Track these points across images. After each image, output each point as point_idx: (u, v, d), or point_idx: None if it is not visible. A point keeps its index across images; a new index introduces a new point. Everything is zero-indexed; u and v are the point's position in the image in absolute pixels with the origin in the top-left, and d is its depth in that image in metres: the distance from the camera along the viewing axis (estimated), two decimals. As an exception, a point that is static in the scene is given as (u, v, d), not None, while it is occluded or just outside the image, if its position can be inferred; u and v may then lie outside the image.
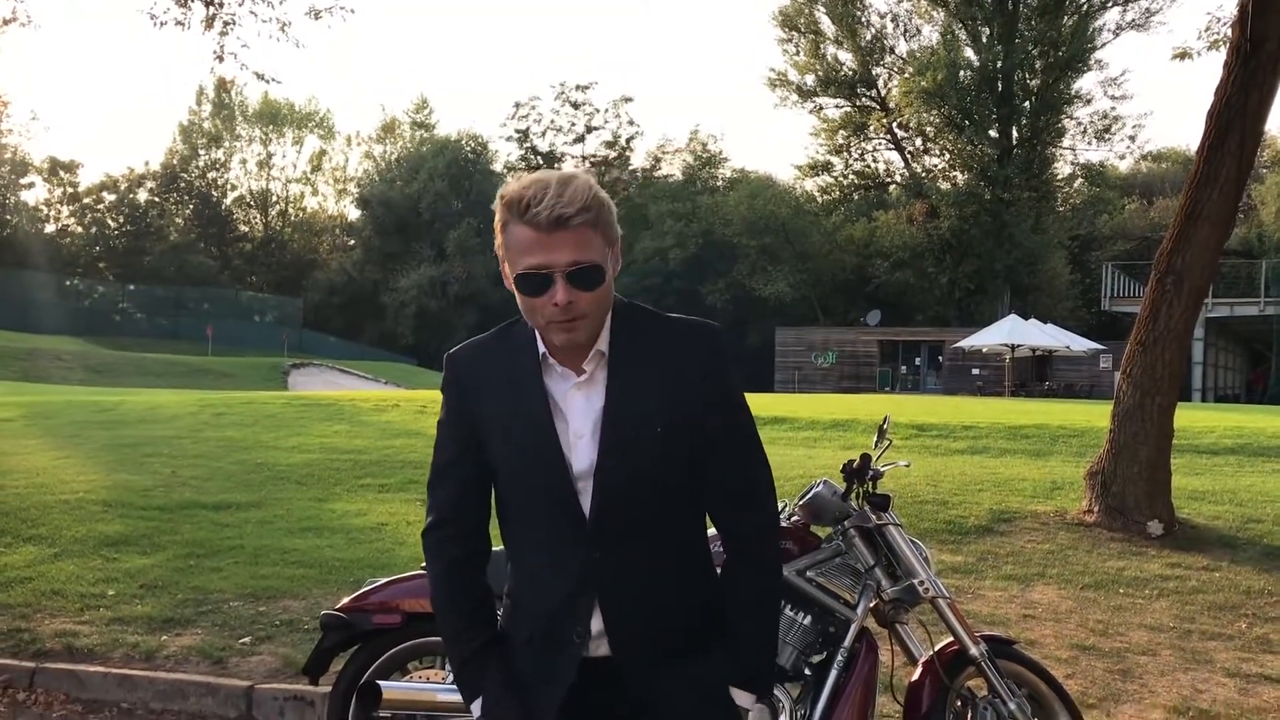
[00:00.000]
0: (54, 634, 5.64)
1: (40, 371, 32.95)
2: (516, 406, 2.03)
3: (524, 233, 1.90)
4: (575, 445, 2.00)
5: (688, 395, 2.01)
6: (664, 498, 2.04)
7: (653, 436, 1.98)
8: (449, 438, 2.13)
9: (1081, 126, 47.89)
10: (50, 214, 64.01)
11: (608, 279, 1.97)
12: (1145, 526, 7.53)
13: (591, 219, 1.92)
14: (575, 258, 1.90)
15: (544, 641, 2.05)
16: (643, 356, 2.03)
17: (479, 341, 2.15)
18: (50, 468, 10.01)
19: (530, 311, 1.96)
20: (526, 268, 1.91)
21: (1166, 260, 7.71)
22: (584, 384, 2.02)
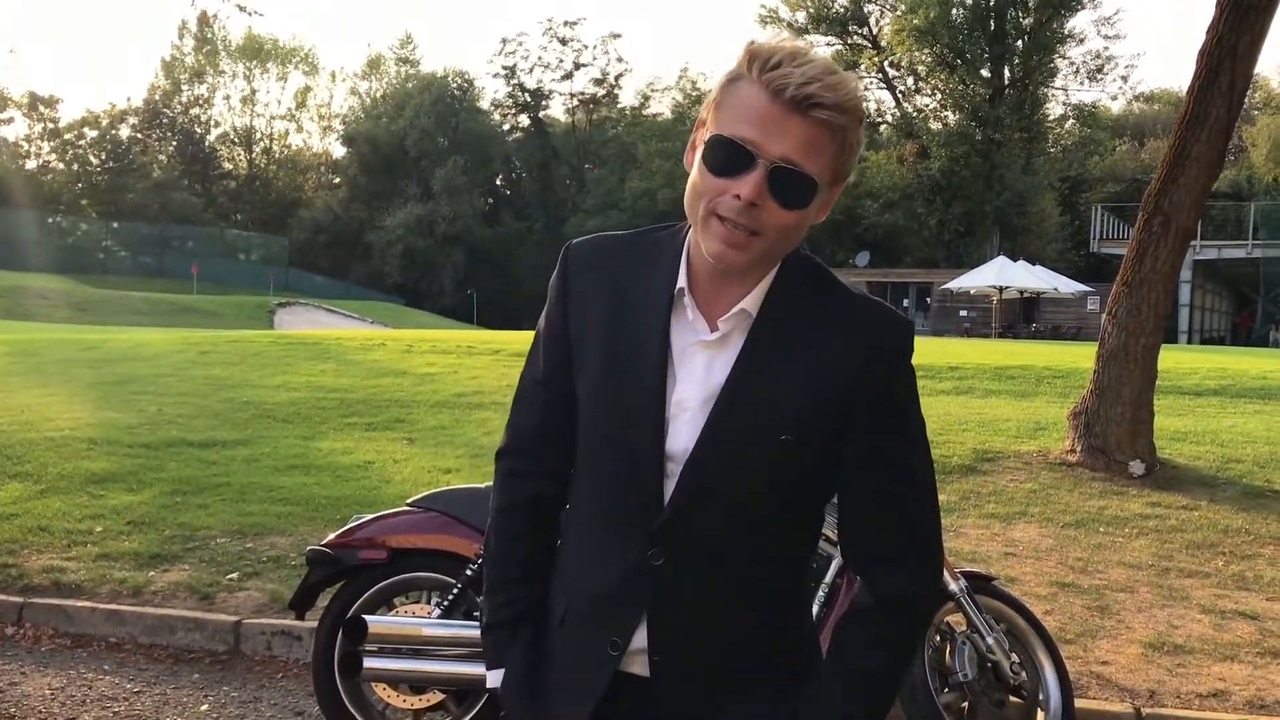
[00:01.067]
0: (41, 569, 5.66)
1: (24, 309, 32.79)
2: (625, 338, 1.59)
3: (754, 95, 1.44)
4: (676, 417, 1.55)
5: (842, 400, 1.54)
6: (765, 518, 1.57)
7: (771, 443, 1.52)
8: (544, 348, 1.70)
9: (1074, 66, 47.70)
10: (31, 150, 63.35)
11: (810, 209, 1.50)
12: (1127, 466, 7.60)
13: (841, 124, 1.46)
14: (794, 155, 1.44)
15: (578, 633, 1.65)
16: (800, 334, 1.55)
17: (609, 239, 1.71)
18: (35, 405, 9.98)
19: (700, 194, 1.49)
20: (732, 134, 1.44)
21: (1154, 201, 7.70)
22: (713, 345, 1.56)
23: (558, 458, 1.73)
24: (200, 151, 66.57)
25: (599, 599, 1.62)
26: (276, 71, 69.65)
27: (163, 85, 66.53)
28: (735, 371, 1.54)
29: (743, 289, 1.56)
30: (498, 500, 1.79)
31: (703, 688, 1.60)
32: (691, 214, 1.53)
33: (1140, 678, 4.53)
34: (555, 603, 1.72)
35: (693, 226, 1.55)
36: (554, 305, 1.68)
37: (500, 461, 1.79)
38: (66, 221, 57.04)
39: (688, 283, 1.57)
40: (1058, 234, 47.45)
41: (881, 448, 1.58)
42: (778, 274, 1.57)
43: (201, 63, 67.53)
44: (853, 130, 1.48)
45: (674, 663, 1.59)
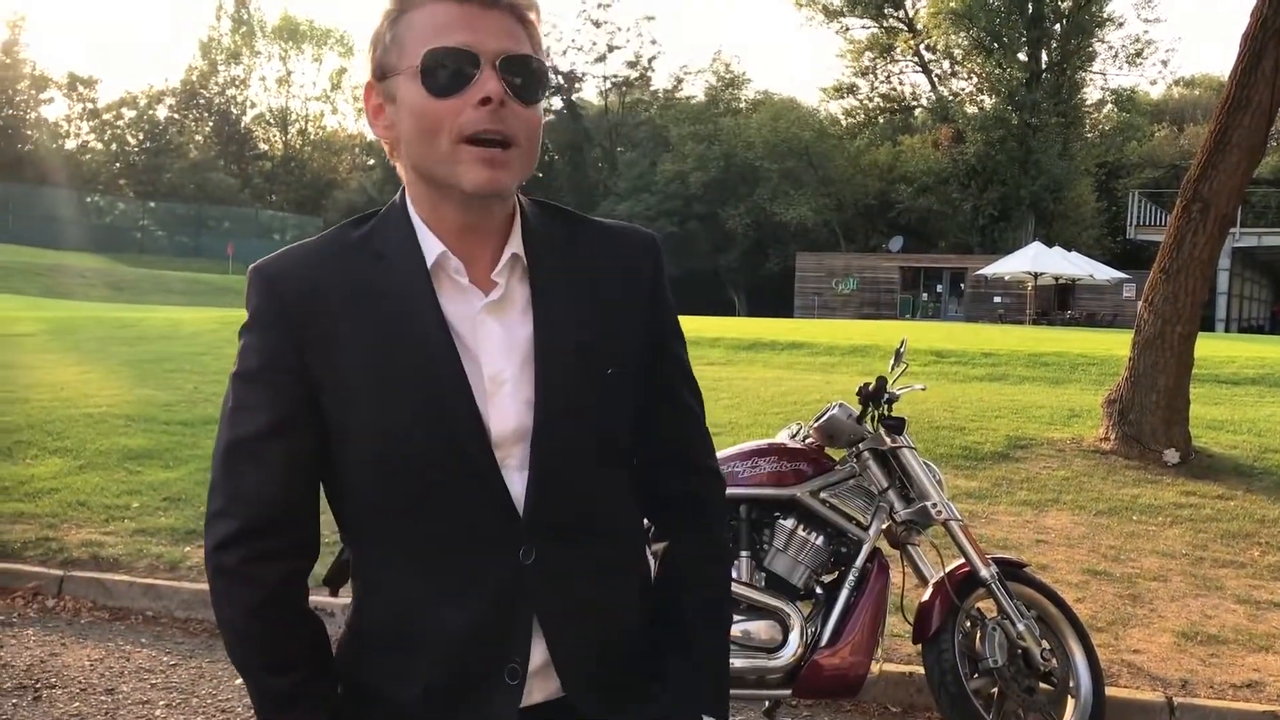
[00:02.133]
0: (80, 543, 5.75)
1: (63, 288, 33.16)
2: (394, 340, 1.33)
3: (439, 9, 1.30)
4: (494, 396, 1.34)
5: (635, 324, 1.44)
6: (615, 466, 1.46)
7: (602, 379, 1.39)
8: (264, 397, 1.34)
9: (1113, 50, 47.05)
10: (70, 130, 63.94)
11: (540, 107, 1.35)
12: (1161, 455, 7.53)
13: (529, 16, 1.35)
14: (509, 45, 1.30)
15: (455, 692, 1.37)
16: (573, 269, 1.42)
17: (300, 249, 1.41)
18: (74, 382, 10.12)
19: (432, 127, 1.30)
20: (440, 46, 1.28)
21: (1193, 187, 7.61)
22: (498, 305, 1.37)
23: (309, 526, 1.40)
24: (236, 132, 66.98)
25: (471, 638, 1.36)
26: (312, 53, 69.98)
27: (200, 66, 66.98)
28: (538, 324, 1.37)
29: (498, 237, 1.39)
30: (246, 599, 1.36)
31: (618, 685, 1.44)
32: (430, 158, 1.32)
33: (1173, 667, 4.50)
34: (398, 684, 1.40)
35: (430, 177, 1.34)
36: (272, 337, 1.35)
37: (231, 550, 1.35)
38: (104, 201, 57.56)
39: (439, 246, 1.36)
40: (1094, 220, 46.93)
41: (668, 351, 1.50)
42: (521, 217, 1.42)
43: (238, 44, 67.91)
44: (536, 25, 1.36)
45: (583, 664, 1.41)
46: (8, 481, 6.74)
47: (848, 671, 3.69)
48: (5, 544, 5.75)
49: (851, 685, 3.71)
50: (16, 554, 5.67)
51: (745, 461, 3.86)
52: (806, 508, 3.81)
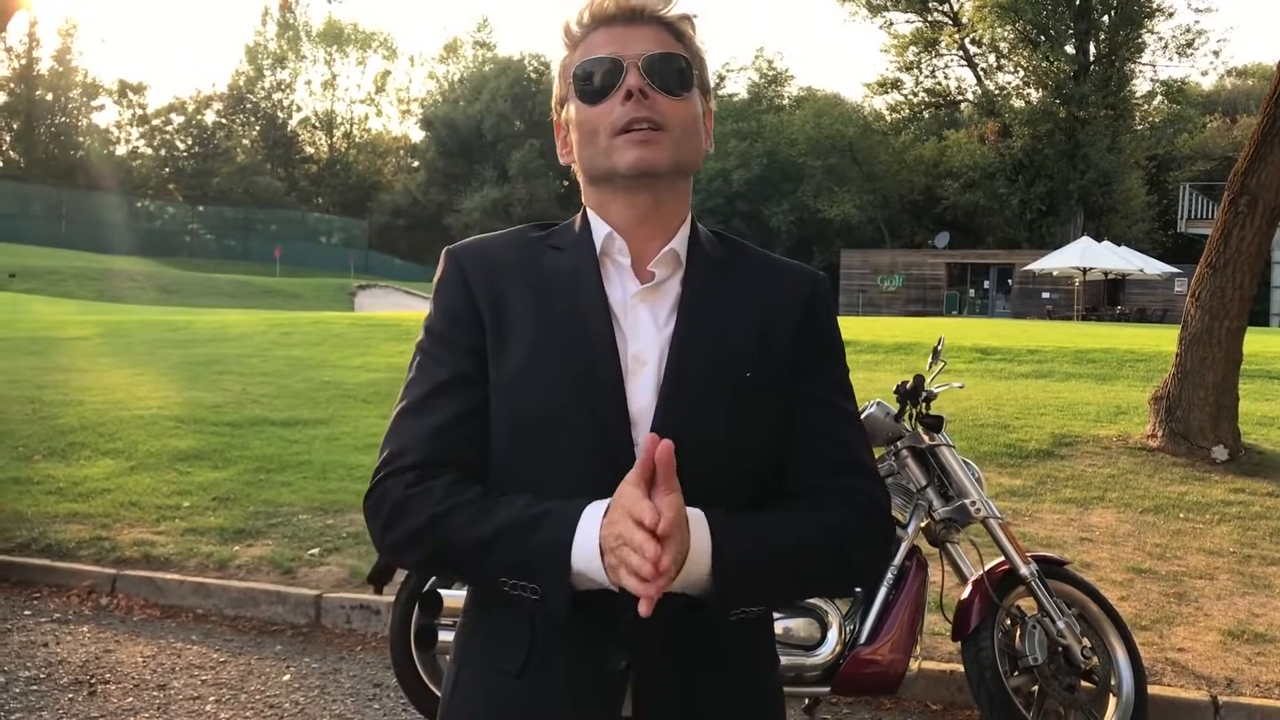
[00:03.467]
0: (133, 543, 5.87)
1: (115, 291, 33.73)
2: (561, 306, 1.41)
3: (588, 40, 1.44)
4: (635, 372, 1.39)
5: (782, 351, 1.44)
6: (743, 477, 1.41)
7: (740, 382, 1.40)
8: (443, 353, 1.43)
9: (1162, 41, 46.30)
10: (120, 136, 65.05)
11: (695, 96, 1.44)
12: (1210, 451, 7.44)
13: (677, 29, 1.45)
14: (654, 48, 1.42)
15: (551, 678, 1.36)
16: (729, 279, 1.47)
17: (489, 237, 1.54)
18: (125, 384, 10.31)
19: (591, 134, 1.41)
20: (589, 59, 1.42)
21: (1240, 180, 7.51)
22: (650, 294, 1.43)
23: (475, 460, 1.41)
24: (283, 136, 67.76)
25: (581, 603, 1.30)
26: (356, 56, 70.69)
27: (246, 71, 67.84)
28: (683, 315, 1.42)
29: (666, 232, 1.45)
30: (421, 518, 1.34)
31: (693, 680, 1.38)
32: (594, 158, 1.42)
33: (1218, 666, 4.46)
34: (495, 651, 1.41)
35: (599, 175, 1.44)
36: (458, 299, 1.45)
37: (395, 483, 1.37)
38: (154, 206, 58.51)
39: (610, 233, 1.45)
40: (1144, 214, 46.24)
41: (828, 389, 1.48)
42: (693, 227, 1.49)
43: (284, 48, 68.71)
44: (690, 36, 1.46)
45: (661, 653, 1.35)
46: (62, 483, 6.89)
47: (886, 669, 3.69)
48: (61, 544, 5.88)
49: (890, 682, 3.72)
50: (71, 553, 5.80)
51: (783, 460, 3.87)
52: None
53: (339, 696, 4.37)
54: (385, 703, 4.31)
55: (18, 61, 59.77)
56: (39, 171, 55.96)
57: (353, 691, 4.42)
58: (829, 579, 1.54)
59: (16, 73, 59.83)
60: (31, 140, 59.78)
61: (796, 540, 1.37)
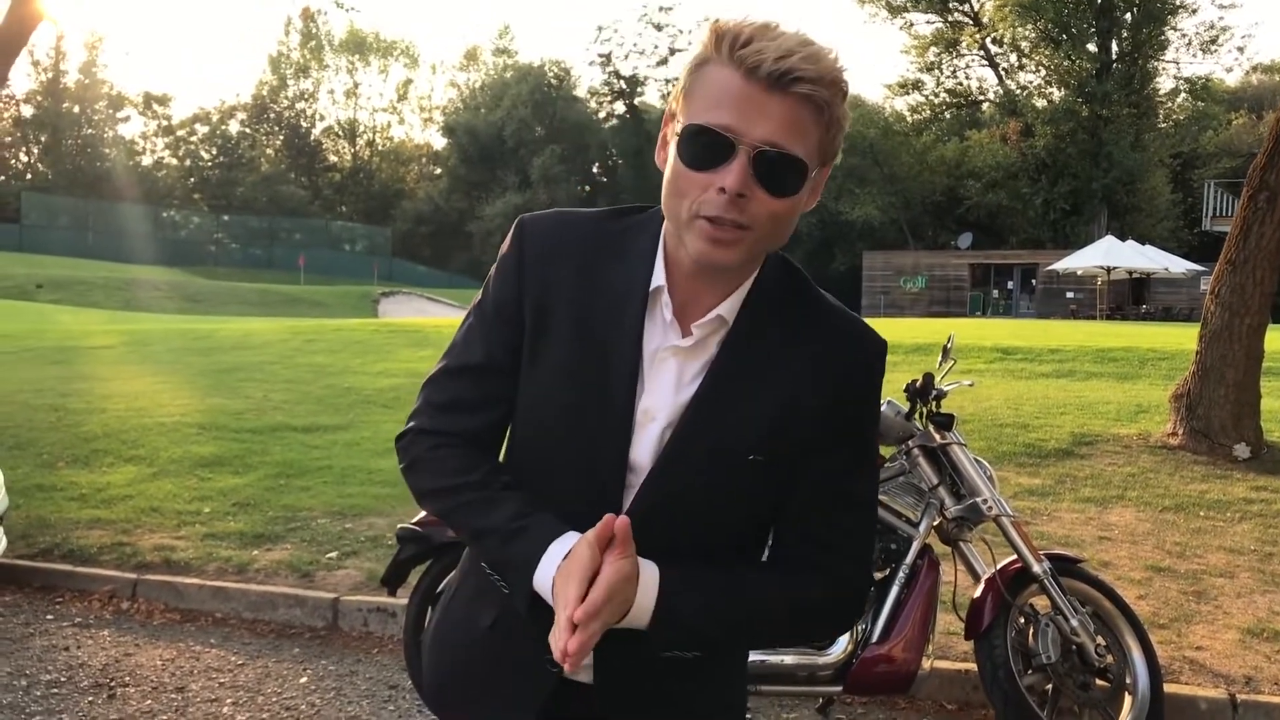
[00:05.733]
0: (153, 548, 5.93)
1: (140, 301, 34.05)
2: (593, 335, 1.42)
3: (726, 77, 1.30)
4: (643, 425, 1.42)
5: (811, 419, 1.43)
6: (723, 534, 1.48)
7: (739, 463, 1.42)
8: (491, 333, 1.49)
9: (1186, 38, 46.06)
10: (146, 147, 65.73)
11: (802, 195, 1.36)
12: (1231, 449, 7.39)
13: (824, 99, 1.31)
14: (778, 138, 1.29)
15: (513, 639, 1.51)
16: (775, 348, 1.43)
17: (574, 216, 1.51)
18: (148, 392, 10.41)
19: (679, 191, 1.34)
20: (708, 122, 1.30)
21: (1260, 176, 7.45)
22: (685, 351, 1.42)
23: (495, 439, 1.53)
24: (306, 145, 68.26)
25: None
26: (378, 65, 71.11)
27: (270, 81, 68.38)
28: (706, 384, 1.41)
29: (721, 293, 1.42)
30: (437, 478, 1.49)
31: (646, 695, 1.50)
32: (672, 215, 1.36)
33: (1237, 664, 4.42)
34: (478, 611, 1.55)
35: (672, 224, 1.38)
36: (506, 283, 1.48)
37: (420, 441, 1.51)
38: (179, 215, 59.04)
39: (666, 280, 1.42)
40: (1169, 212, 45.91)
41: (838, 473, 1.47)
42: (755, 279, 1.44)
43: (307, 58, 69.22)
44: (836, 105, 1.33)
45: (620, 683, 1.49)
46: (85, 489, 6.96)
47: (898, 668, 3.69)
48: (83, 549, 5.94)
49: (902, 682, 3.71)
50: (93, 559, 5.85)
51: (793, 459, 3.87)
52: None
53: (355, 698, 4.39)
54: (400, 704, 4.33)
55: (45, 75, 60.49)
56: (66, 183, 56.58)
57: (368, 693, 4.44)
58: (779, 641, 1.60)
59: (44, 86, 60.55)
60: (59, 152, 60.47)
61: (749, 604, 1.43)
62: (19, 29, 10.04)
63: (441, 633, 1.64)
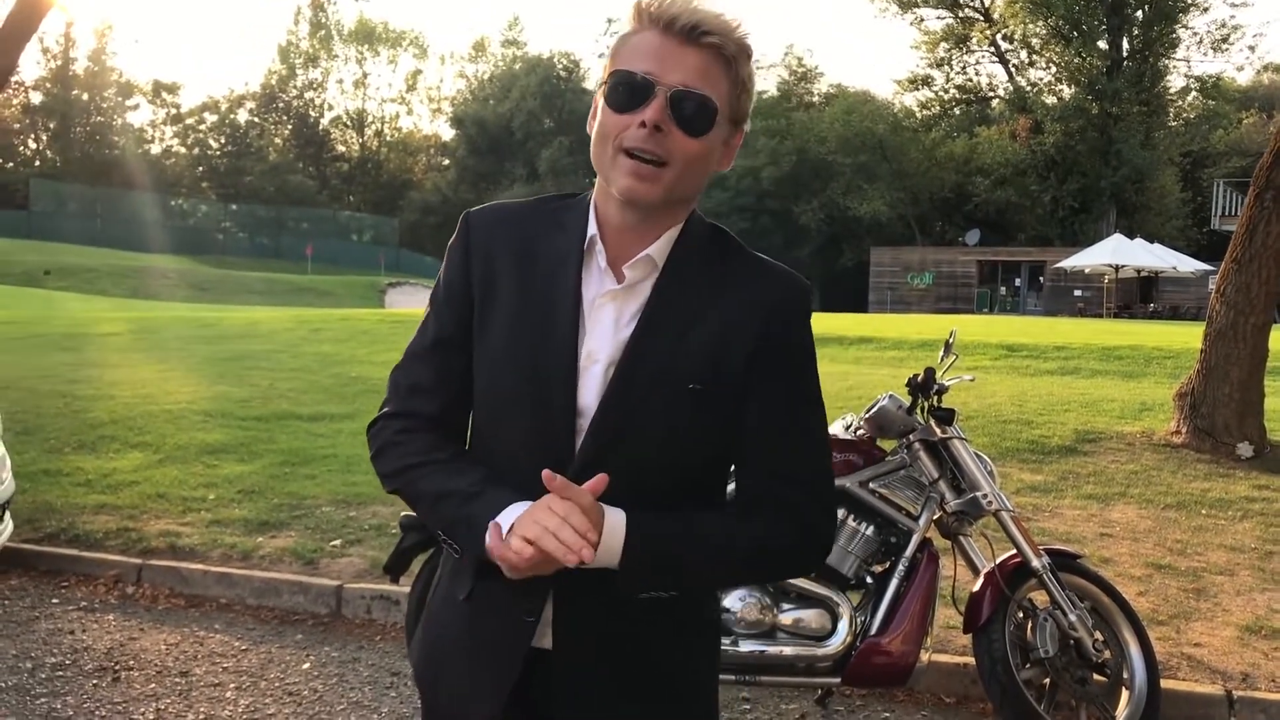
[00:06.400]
0: (159, 534, 5.96)
1: (149, 289, 34.13)
2: (537, 294, 1.55)
3: (646, 37, 1.49)
4: (586, 369, 1.52)
5: (737, 360, 1.52)
6: (679, 477, 1.54)
7: (679, 393, 1.50)
8: (441, 315, 1.63)
9: (1197, 36, 45.83)
10: (155, 135, 65.81)
11: (715, 134, 1.50)
12: (1234, 448, 7.39)
13: (731, 53, 1.50)
14: (691, 81, 1.46)
15: (489, 605, 1.58)
16: (704, 288, 1.55)
17: (509, 205, 1.68)
18: (155, 379, 10.46)
19: (606, 135, 1.50)
20: (629, 68, 1.48)
21: (1265, 175, 7.45)
22: (619, 295, 1.54)
23: (458, 412, 1.64)
24: (314, 134, 68.28)
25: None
26: (387, 55, 71.13)
27: (279, 70, 68.40)
28: (642, 322, 1.52)
29: (650, 239, 1.55)
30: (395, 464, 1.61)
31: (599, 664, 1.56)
32: (600, 160, 1.52)
33: (1234, 660, 4.44)
34: (457, 581, 1.63)
35: (600, 175, 1.54)
36: (454, 267, 1.62)
37: (388, 425, 1.64)
38: (187, 204, 59.16)
39: (598, 231, 1.56)
40: (1178, 211, 45.77)
41: (781, 406, 1.55)
42: (682, 230, 1.57)
43: (316, 47, 69.22)
44: (742, 63, 1.52)
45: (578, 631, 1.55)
46: (91, 475, 7.00)
47: (897, 660, 3.71)
48: (89, 534, 5.98)
49: (900, 674, 3.74)
50: (99, 543, 5.89)
51: (795, 452, 3.90)
52: (857, 498, 3.84)
53: (356, 684, 4.43)
54: (402, 690, 4.37)
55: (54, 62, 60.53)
56: (75, 170, 56.67)
57: (370, 680, 4.48)
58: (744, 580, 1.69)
59: (53, 73, 60.61)
60: (67, 139, 60.56)
61: (712, 543, 1.51)
62: (29, 16, 10.06)
63: (431, 610, 1.74)
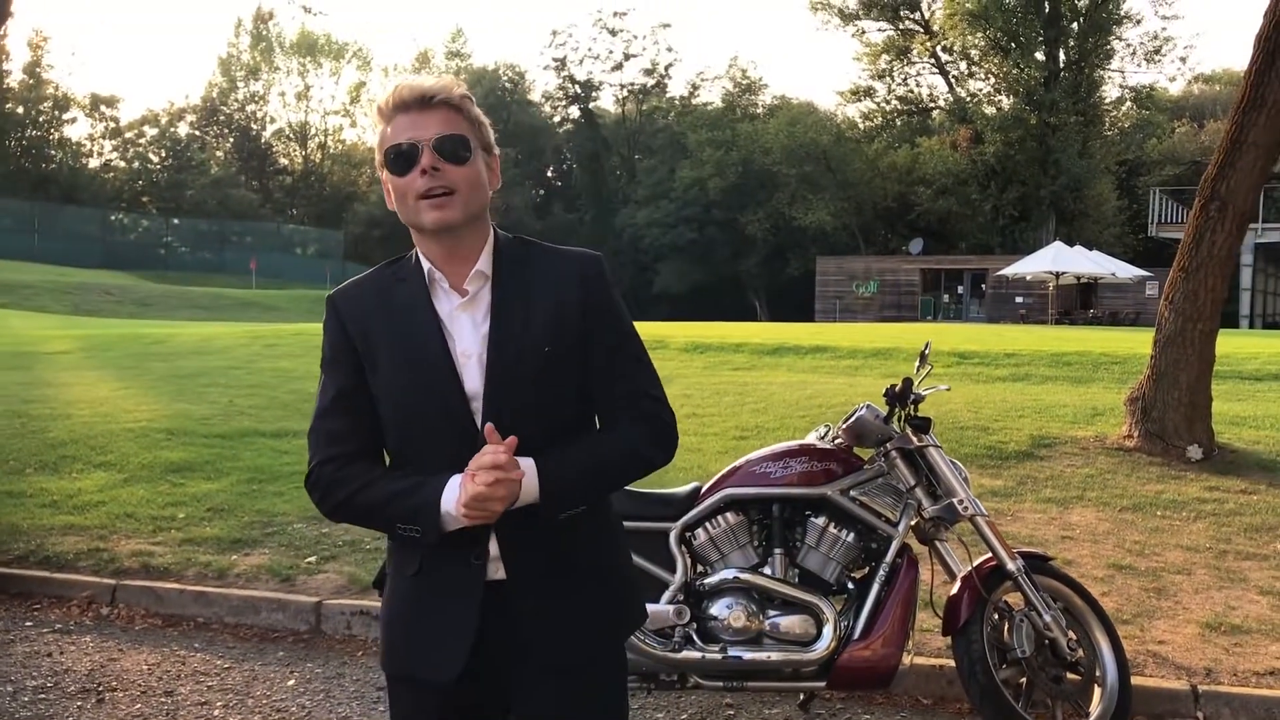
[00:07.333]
0: (131, 554, 5.94)
1: (90, 305, 33.57)
2: (405, 327, 1.97)
3: (397, 121, 1.94)
4: (465, 365, 1.95)
5: (572, 323, 1.98)
6: (553, 423, 1.98)
7: (538, 356, 1.95)
8: (334, 374, 2.02)
9: (1131, 48, 46.96)
10: (93, 149, 64.66)
11: (477, 159, 1.95)
12: (1184, 451, 7.62)
13: (456, 104, 1.95)
14: (441, 129, 1.91)
15: (438, 568, 1.96)
16: (526, 282, 2.00)
17: (357, 279, 2.10)
18: (112, 398, 10.34)
19: (402, 197, 1.94)
20: (395, 140, 1.92)
21: (1211, 185, 7.70)
22: (468, 305, 1.98)
23: (374, 445, 2.02)
24: (257, 148, 67.57)
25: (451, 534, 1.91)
26: (330, 67, 70.51)
27: (219, 83, 67.61)
28: (494, 316, 1.97)
29: (471, 257, 1.99)
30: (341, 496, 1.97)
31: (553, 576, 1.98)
32: (408, 216, 1.96)
33: (1197, 656, 4.61)
34: (404, 564, 2.01)
35: (414, 229, 1.98)
36: (334, 335, 2.03)
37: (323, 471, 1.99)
38: (128, 219, 58.21)
39: (432, 266, 1.98)
40: (1115, 218, 46.77)
41: (615, 343, 2.03)
42: (495, 246, 2.02)
43: (257, 60, 68.52)
44: (469, 108, 1.97)
45: (523, 557, 1.96)
46: (56, 495, 6.94)
47: (879, 663, 3.82)
48: (58, 555, 5.94)
49: (883, 677, 3.85)
50: (70, 565, 5.86)
51: (777, 462, 4.00)
52: (837, 506, 3.95)
53: (344, 700, 4.46)
54: (390, 705, 4.39)
55: (-12, 75, 59.32)
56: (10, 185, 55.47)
57: (357, 695, 4.51)
58: (632, 476, 2.06)
59: (-13, 86, 59.39)
60: (3, 153, 59.31)
61: (599, 458, 1.99)
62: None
63: (387, 602, 2.09)
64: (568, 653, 2.00)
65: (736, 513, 3.99)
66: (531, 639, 1.97)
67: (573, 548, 2.02)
